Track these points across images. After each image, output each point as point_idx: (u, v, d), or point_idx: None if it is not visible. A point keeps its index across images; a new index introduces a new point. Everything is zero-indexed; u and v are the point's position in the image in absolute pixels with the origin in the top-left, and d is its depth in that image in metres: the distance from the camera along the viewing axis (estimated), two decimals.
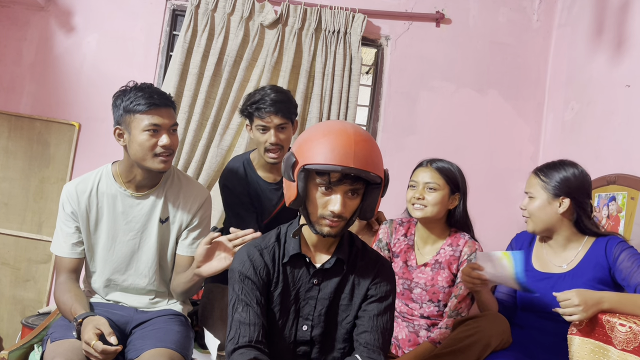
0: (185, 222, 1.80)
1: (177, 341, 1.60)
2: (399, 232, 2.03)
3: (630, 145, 2.28)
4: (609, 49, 2.51)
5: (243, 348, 1.30)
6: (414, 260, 1.94)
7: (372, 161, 1.27)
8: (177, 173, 1.86)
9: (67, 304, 1.63)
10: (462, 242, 1.90)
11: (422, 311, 1.90)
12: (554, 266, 1.78)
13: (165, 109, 1.68)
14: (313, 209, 1.32)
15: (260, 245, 1.41)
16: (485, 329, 1.65)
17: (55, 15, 2.84)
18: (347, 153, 1.25)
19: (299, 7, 2.82)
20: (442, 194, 1.89)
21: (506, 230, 2.75)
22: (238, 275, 1.37)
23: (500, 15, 3.05)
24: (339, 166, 1.24)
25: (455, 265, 1.88)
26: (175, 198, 1.80)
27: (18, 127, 2.80)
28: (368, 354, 1.34)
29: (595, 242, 1.75)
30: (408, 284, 1.92)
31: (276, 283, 1.39)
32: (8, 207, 2.79)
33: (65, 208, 1.74)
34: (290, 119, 2.06)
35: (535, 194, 1.78)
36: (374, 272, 1.42)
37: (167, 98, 1.71)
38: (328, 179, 1.27)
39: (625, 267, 1.64)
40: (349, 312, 1.41)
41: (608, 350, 1.46)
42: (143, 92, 1.66)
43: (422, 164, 1.96)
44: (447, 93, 3.01)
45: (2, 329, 2.78)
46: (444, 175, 1.90)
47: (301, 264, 1.40)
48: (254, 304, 1.34)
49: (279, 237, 1.43)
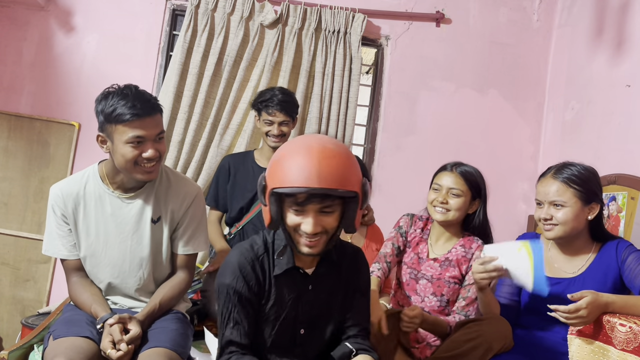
0: (177, 219, 1.76)
1: (173, 339, 1.58)
2: (417, 225, 2.05)
3: (630, 145, 2.28)
4: (609, 49, 2.50)
5: None
6: (425, 253, 1.97)
7: (339, 178, 1.23)
8: (165, 170, 1.79)
9: (86, 305, 1.63)
10: (474, 245, 1.92)
11: (423, 305, 1.91)
12: (564, 271, 1.77)
13: (150, 118, 1.57)
14: (290, 230, 1.31)
15: (250, 256, 1.38)
16: (487, 333, 1.64)
17: (55, 15, 2.84)
18: (310, 172, 1.21)
19: (299, 7, 2.82)
20: (464, 199, 1.90)
21: (506, 230, 2.75)
22: (232, 292, 1.34)
23: (500, 15, 3.05)
24: (303, 187, 1.21)
25: (465, 266, 1.89)
26: (165, 196, 1.74)
27: (18, 127, 2.80)
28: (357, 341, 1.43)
29: (604, 246, 1.74)
30: (415, 274, 1.94)
31: (268, 295, 1.39)
32: (8, 207, 2.79)
33: (55, 211, 1.70)
34: (291, 117, 2.41)
35: (568, 203, 1.68)
36: (357, 265, 1.49)
37: (152, 105, 1.59)
38: (295, 200, 1.25)
39: (631, 269, 1.64)
40: (344, 307, 1.46)
41: (608, 350, 1.46)
42: (125, 100, 1.54)
43: (446, 168, 1.96)
44: (447, 93, 3.01)
45: (2, 329, 2.78)
46: (468, 182, 1.91)
47: (295, 274, 1.40)
48: (245, 323, 1.35)
49: (267, 246, 1.41)
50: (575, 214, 1.68)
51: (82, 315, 1.63)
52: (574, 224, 1.68)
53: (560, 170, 1.73)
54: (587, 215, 1.71)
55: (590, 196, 1.69)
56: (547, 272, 1.77)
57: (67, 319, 1.63)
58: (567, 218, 1.68)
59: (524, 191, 3.00)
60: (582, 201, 1.68)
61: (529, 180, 2.99)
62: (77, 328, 1.54)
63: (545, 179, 1.75)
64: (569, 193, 1.68)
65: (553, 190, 1.70)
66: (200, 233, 1.81)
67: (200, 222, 1.81)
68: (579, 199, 1.68)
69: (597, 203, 1.71)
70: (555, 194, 1.69)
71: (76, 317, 1.62)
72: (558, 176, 1.71)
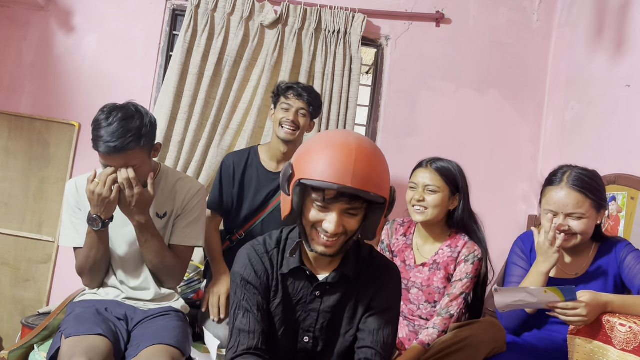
0: (179, 212, 1.84)
1: (175, 337, 1.60)
2: (398, 232, 2.03)
3: (630, 145, 2.28)
4: (609, 49, 2.50)
5: (241, 356, 1.27)
6: (412, 260, 1.93)
7: (373, 180, 1.17)
8: (170, 171, 1.89)
9: None
10: (461, 243, 1.89)
11: (419, 313, 1.90)
12: (566, 272, 1.76)
13: (120, 155, 1.60)
14: (308, 226, 1.25)
15: (261, 250, 1.36)
16: (477, 336, 1.64)
17: (55, 15, 2.84)
18: (345, 170, 1.15)
19: (299, 7, 2.82)
20: (442, 195, 1.87)
21: (506, 230, 2.76)
22: (240, 280, 1.34)
23: (500, 15, 3.05)
24: (335, 184, 1.15)
25: (452, 266, 1.87)
26: (170, 193, 1.83)
27: (18, 127, 2.80)
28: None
29: (601, 246, 1.75)
30: (405, 283, 1.92)
31: (275, 292, 1.36)
32: (8, 207, 2.79)
33: (70, 202, 1.78)
34: (310, 109, 2.22)
35: (587, 214, 1.66)
36: (379, 282, 1.36)
37: (128, 143, 1.59)
38: (323, 196, 1.19)
39: (630, 269, 1.64)
40: (352, 324, 1.36)
41: (608, 350, 1.46)
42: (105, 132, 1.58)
43: (421, 164, 1.94)
44: (447, 93, 3.01)
45: (2, 329, 2.78)
46: (444, 177, 1.88)
47: (302, 277, 1.35)
48: (255, 310, 1.31)
49: (280, 242, 1.38)
50: (592, 223, 1.68)
51: (92, 312, 1.66)
52: (590, 232, 1.69)
53: (575, 180, 1.67)
54: (597, 222, 1.71)
55: (602, 204, 1.70)
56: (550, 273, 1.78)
57: (77, 316, 1.64)
58: (585, 228, 1.67)
59: (524, 191, 3.00)
60: (597, 209, 1.69)
61: (529, 180, 2.99)
62: (89, 325, 1.55)
63: (560, 188, 1.68)
64: (587, 204, 1.66)
65: (572, 202, 1.65)
66: (196, 227, 1.86)
67: (198, 216, 1.87)
68: (594, 209, 1.68)
69: (605, 209, 1.72)
70: (575, 206, 1.65)
71: (85, 314, 1.64)
72: (575, 187, 1.66)
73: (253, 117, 2.76)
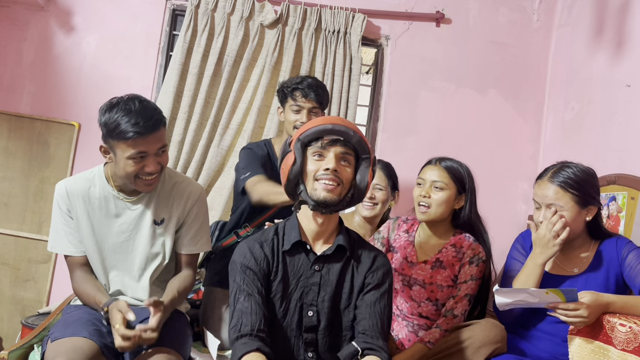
0: (181, 219, 1.78)
1: (174, 339, 1.59)
2: (401, 228, 2.03)
3: (630, 145, 2.28)
4: (609, 49, 2.50)
5: (246, 337, 1.33)
6: (414, 257, 1.93)
7: (356, 129, 1.43)
8: (168, 173, 1.81)
9: (90, 294, 1.64)
10: (465, 243, 1.89)
11: (420, 310, 1.89)
12: (565, 269, 1.76)
13: (152, 135, 1.57)
14: (310, 182, 1.42)
15: (260, 239, 1.48)
16: (477, 337, 1.64)
17: (55, 15, 2.84)
18: (333, 119, 1.45)
19: (299, 7, 2.82)
20: (448, 193, 1.88)
21: (506, 230, 2.75)
22: (239, 267, 1.43)
23: (500, 15, 3.05)
24: (328, 124, 1.41)
25: (457, 266, 1.87)
26: (169, 198, 1.76)
27: (18, 127, 2.80)
28: (365, 339, 1.39)
29: (602, 243, 1.74)
30: (407, 280, 1.92)
31: (276, 272, 1.44)
32: (8, 207, 2.79)
33: (61, 207, 1.72)
34: (322, 106, 2.19)
35: (565, 207, 1.66)
36: (371, 260, 1.49)
37: (155, 121, 1.57)
38: (321, 144, 1.41)
39: (632, 268, 1.63)
40: (350, 300, 1.46)
41: (608, 350, 1.46)
42: (128, 117, 1.53)
43: (430, 162, 1.95)
44: (447, 93, 3.01)
45: (2, 329, 2.78)
46: (452, 175, 1.89)
47: (301, 252, 1.46)
48: (256, 294, 1.39)
49: (277, 230, 1.50)
50: (573, 217, 1.67)
51: (80, 316, 1.63)
52: (572, 227, 1.67)
53: (557, 173, 1.70)
54: (584, 218, 1.70)
55: (588, 199, 1.68)
56: (549, 269, 1.78)
57: (65, 321, 1.63)
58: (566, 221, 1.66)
59: (524, 191, 3.01)
60: (579, 205, 1.67)
61: (529, 180, 2.98)
62: (74, 328, 1.54)
63: (543, 181, 1.73)
64: (566, 197, 1.66)
65: (550, 194, 1.68)
66: (204, 233, 1.83)
67: (203, 222, 1.83)
68: (576, 203, 1.66)
69: (594, 205, 1.70)
70: (553, 197, 1.68)
71: (74, 319, 1.61)
72: (555, 179, 1.69)
73: (253, 117, 2.76)
